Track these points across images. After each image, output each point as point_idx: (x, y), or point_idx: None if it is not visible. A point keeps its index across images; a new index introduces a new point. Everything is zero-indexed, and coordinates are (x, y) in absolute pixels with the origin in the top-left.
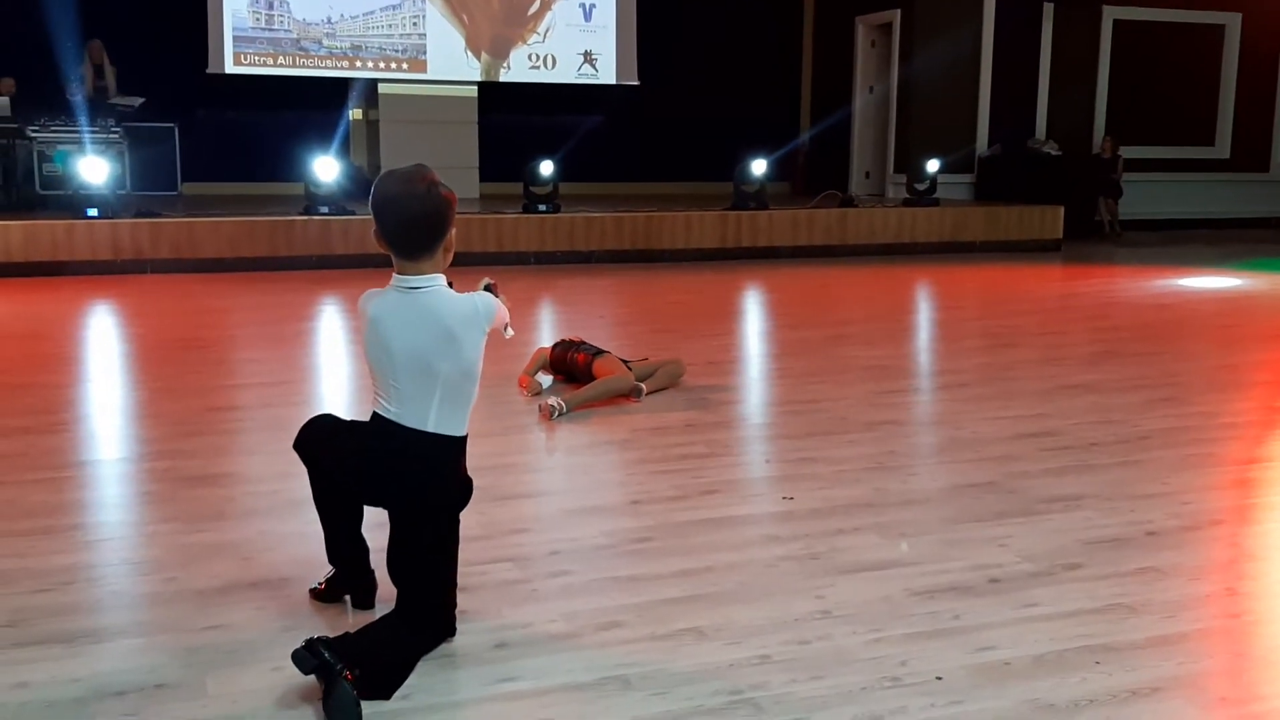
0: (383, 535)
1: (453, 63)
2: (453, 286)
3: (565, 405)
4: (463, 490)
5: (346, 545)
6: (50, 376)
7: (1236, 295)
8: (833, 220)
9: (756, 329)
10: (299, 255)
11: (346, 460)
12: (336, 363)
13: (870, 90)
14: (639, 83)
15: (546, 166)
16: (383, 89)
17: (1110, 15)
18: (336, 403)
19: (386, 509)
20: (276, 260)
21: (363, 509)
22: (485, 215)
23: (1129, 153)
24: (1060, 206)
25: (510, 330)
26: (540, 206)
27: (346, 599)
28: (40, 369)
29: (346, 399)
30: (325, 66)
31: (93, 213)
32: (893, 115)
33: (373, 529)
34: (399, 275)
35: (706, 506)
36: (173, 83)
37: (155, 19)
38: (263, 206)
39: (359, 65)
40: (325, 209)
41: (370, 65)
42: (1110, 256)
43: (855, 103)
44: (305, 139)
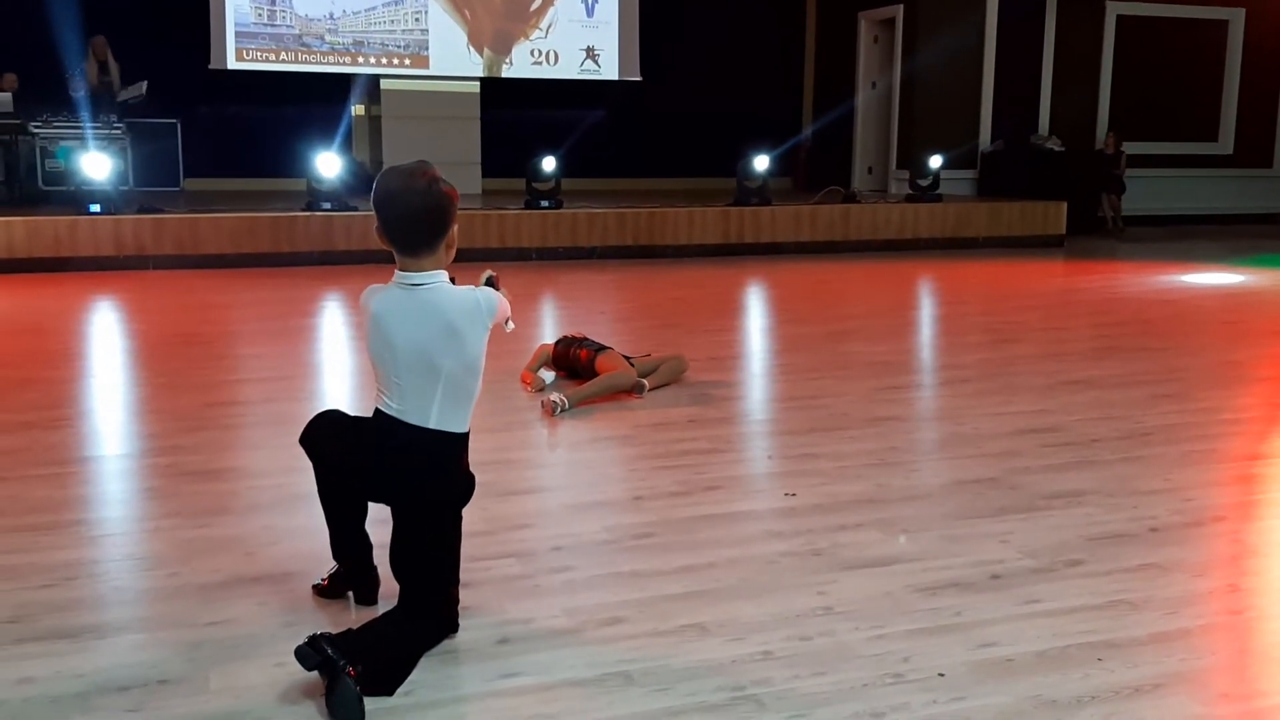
0: (386, 531)
1: (455, 58)
2: (455, 281)
3: (568, 401)
4: (465, 486)
5: (351, 541)
6: (53, 372)
7: (1239, 291)
8: (835, 216)
9: (759, 325)
10: (301, 251)
11: (350, 456)
12: (339, 358)
13: (873, 85)
14: (641, 78)
15: (549, 162)
16: (385, 85)
17: (1114, 10)
18: (339, 398)
19: (389, 505)
20: (279, 256)
21: (367, 505)
22: (488, 211)
23: (1132, 148)
24: (1063, 202)
25: (511, 324)
26: (542, 202)
27: (349, 595)
28: (43, 364)
29: (349, 395)
30: (327, 62)
31: (95, 208)
32: (895, 111)
33: (376, 525)
34: (401, 272)
35: (709, 502)
36: (175, 78)
37: (157, 14)
38: (265, 202)
39: (361, 61)
40: (327, 205)
41: (372, 61)
42: (1113, 252)
43: (858, 98)
44: (307, 135)
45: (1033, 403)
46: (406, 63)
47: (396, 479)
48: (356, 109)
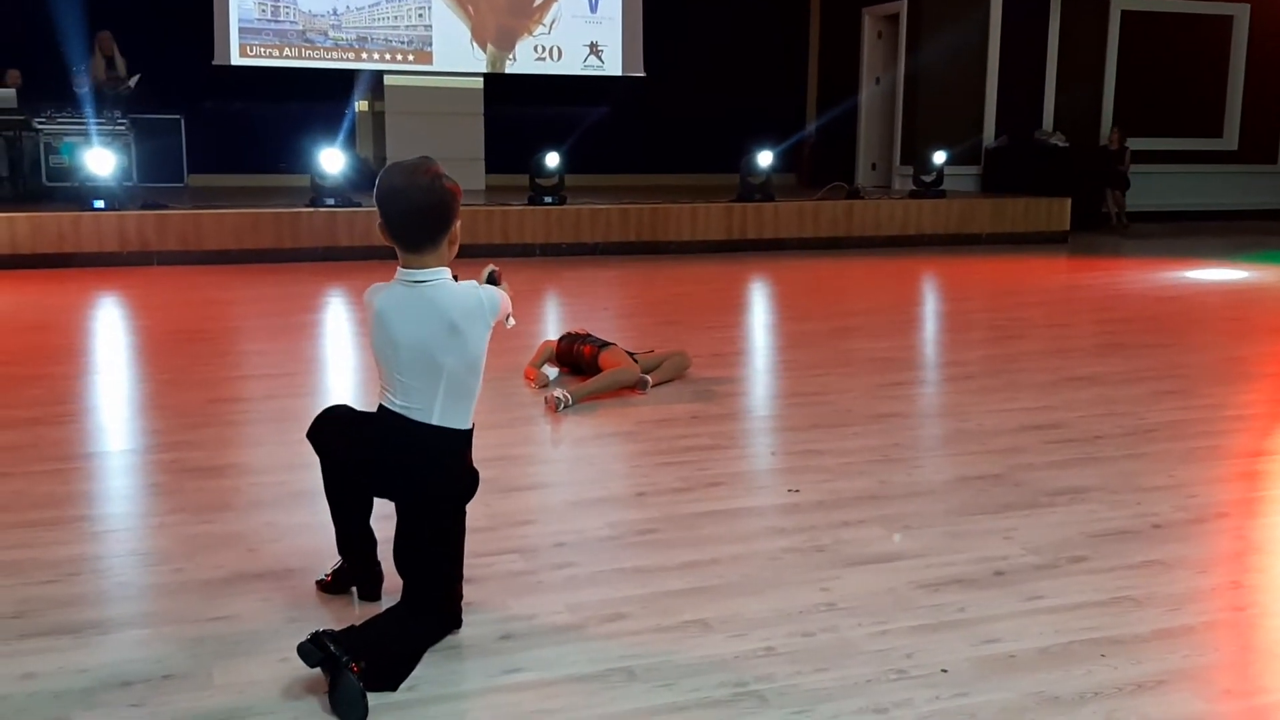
0: (389, 527)
1: (458, 54)
2: (457, 278)
3: (571, 397)
4: (469, 482)
5: (356, 537)
6: (57, 368)
7: (1244, 287)
8: (839, 212)
9: (762, 321)
10: (305, 247)
11: (356, 451)
12: (342, 354)
13: (877, 81)
14: (644, 74)
15: (552, 158)
16: (388, 81)
17: (1118, 6)
18: (342, 395)
19: (393, 501)
20: (282, 252)
21: (372, 500)
22: (491, 207)
23: (1136, 144)
24: (1067, 198)
25: (513, 320)
26: (546, 198)
27: (353, 591)
28: (47, 360)
29: (352, 391)
30: (331, 58)
31: (99, 204)
32: (899, 106)
33: (379, 521)
34: (404, 269)
35: (712, 498)
36: (178, 74)
37: (161, 10)
38: (268, 198)
39: (365, 57)
40: (331, 201)
41: (376, 57)
42: (1117, 248)
43: (862, 94)
44: (311, 131)
45: (1036, 399)
46: (410, 58)
47: (401, 475)
48: (360, 105)
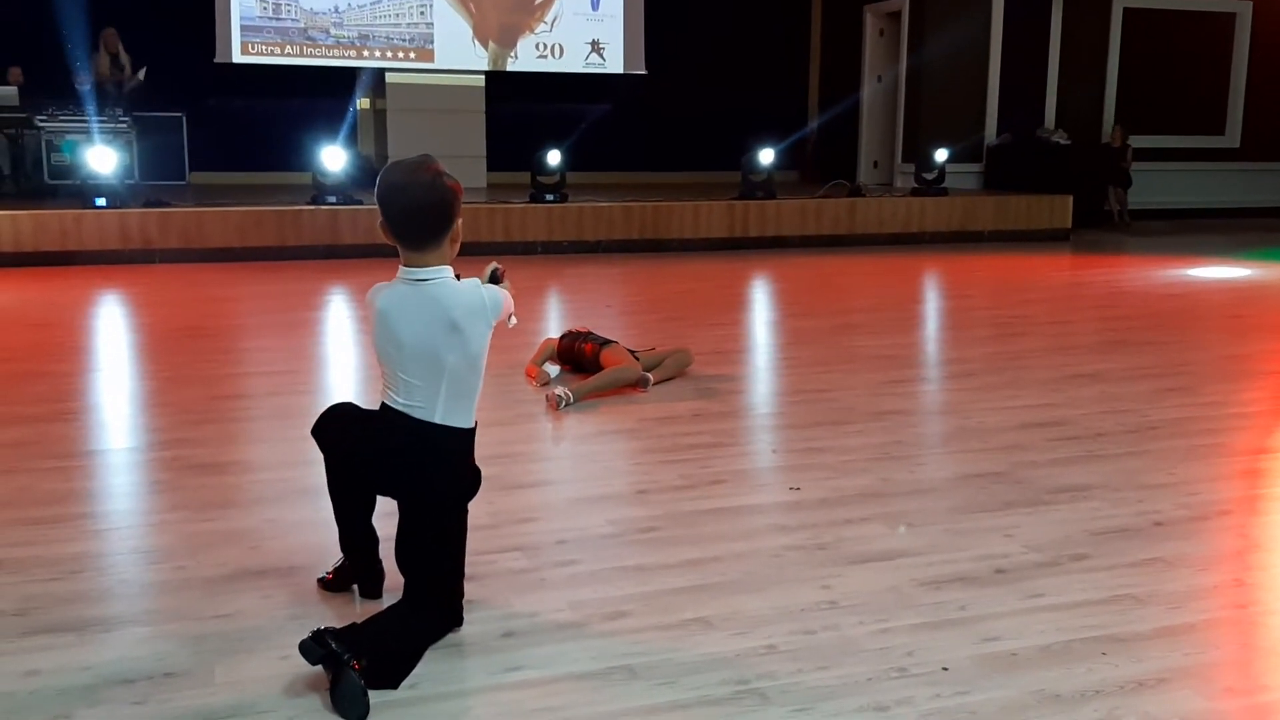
0: (391, 525)
1: (460, 52)
2: (459, 276)
3: (572, 395)
4: (471, 481)
5: (359, 534)
6: (59, 365)
7: (1246, 285)
8: (841, 210)
9: (764, 318)
10: (306, 245)
11: (359, 448)
12: (344, 352)
13: (879, 79)
14: (646, 72)
15: (554, 156)
16: (390, 78)
17: (1120, 3)
18: (344, 392)
19: (396, 498)
20: (284, 250)
21: (375, 498)
22: (493, 205)
23: (1138, 142)
24: (1069, 196)
25: (514, 319)
26: (548, 196)
27: (354, 588)
28: (49, 358)
29: (354, 388)
30: (332, 56)
31: (101, 202)
32: (901, 104)
33: (381, 519)
34: (405, 267)
35: (713, 496)
36: (180, 72)
37: (162, 8)
38: (270, 196)
39: (366, 55)
40: (333, 199)
41: (378, 55)
42: (1119, 246)
43: (864, 91)
44: (313, 128)
45: (1038, 396)
46: (411, 56)
47: (403, 473)
48: (362, 103)
